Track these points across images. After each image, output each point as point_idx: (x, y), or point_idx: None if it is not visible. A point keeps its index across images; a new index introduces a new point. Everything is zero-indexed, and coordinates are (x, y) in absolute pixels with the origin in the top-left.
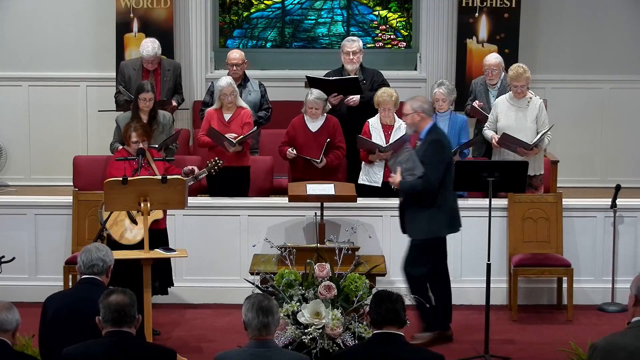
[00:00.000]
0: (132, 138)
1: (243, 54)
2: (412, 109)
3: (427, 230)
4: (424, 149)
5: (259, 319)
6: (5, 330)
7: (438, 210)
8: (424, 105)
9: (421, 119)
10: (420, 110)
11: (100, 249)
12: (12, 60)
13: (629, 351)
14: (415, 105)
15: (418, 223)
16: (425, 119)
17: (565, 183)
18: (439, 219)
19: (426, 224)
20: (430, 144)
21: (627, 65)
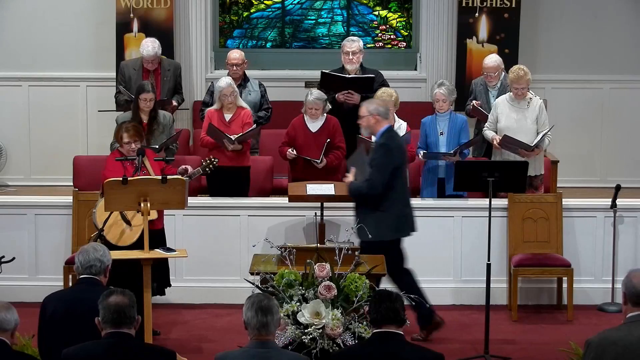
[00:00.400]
0: (124, 139)
1: (243, 54)
2: (367, 111)
3: (374, 233)
4: (373, 152)
5: (257, 318)
6: (4, 330)
7: (384, 214)
8: (380, 107)
9: (376, 121)
10: (376, 113)
11: (98, 249)
12: (12, 60)
13: (621, 346)
14: (370, 107)
15: (366, 226)
16: (380, 121)
17: (565, 183)
18: (385, 222)
19: (372, 227)
20: (378, 147)
21: (627, 65)
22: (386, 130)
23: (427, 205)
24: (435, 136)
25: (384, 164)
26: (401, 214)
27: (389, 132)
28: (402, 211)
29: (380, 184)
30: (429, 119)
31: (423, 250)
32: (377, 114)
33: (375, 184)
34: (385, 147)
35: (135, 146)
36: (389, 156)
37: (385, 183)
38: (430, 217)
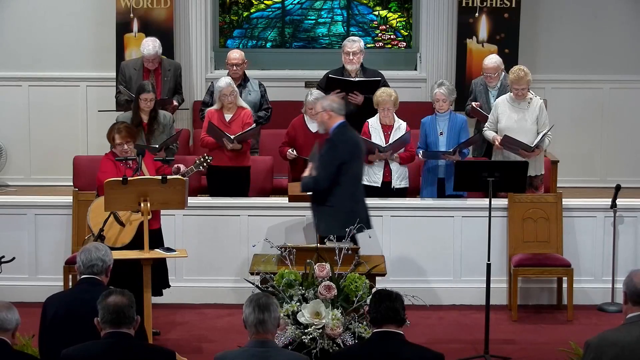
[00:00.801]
0: (115, 140)
1: (243, 54)
2: (321, 107)
3: (324, 228)
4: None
5: (255, 315)
6: (5, 330)
7: (332, 209)
8: (333, 104)
9: (330, 117)
10: (329, 109)
11: (100, 248)
12: (12, 60)
13: (620, 346)
14: (324, 103)
15: (317, 221)
16: (333, 117)
17: (565, 183)
18: (333, 218)
19: (323, 222)
20: (325, 143)
21: (627, 65)
22: (338, 125)
23: (427, 205)
24: (435, 136)
25: (329, 160)
26: (349, 210)
27: (340, 128)
28: (351, 207)
29: (325, 179)
30: (428, 119)
31: (423, 250)
32: (330, 110)
33: (319, 180)
34: (331, 143)
35: (127, 147)
36: (335, 152)
37: (331, 179)
38: (430, 217)
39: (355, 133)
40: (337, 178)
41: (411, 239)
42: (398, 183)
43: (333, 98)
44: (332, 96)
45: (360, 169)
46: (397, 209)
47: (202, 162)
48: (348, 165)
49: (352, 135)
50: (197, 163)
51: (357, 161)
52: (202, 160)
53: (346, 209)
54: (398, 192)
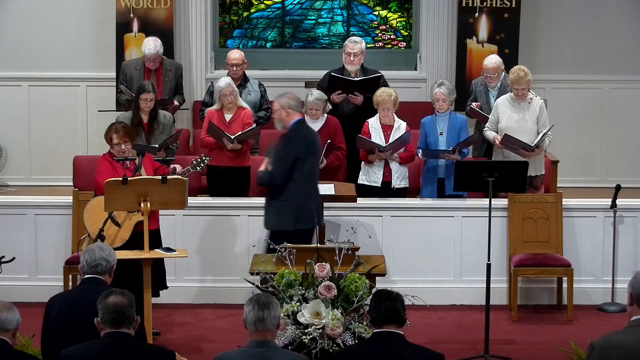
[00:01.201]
0: (113, 140)
1: (243, 54)
2: (279, 105)
3: (274, 222)
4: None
5: (254, 312)
6: (5, 330)
7: (285, 204)
8: (291, 101)
9: (287, 114)
10: (287, 107)
11: (104, 248)
12: (12, 60)
13: (625, 349)
14: (282, 101)
15: (268, 215)
16: (291, 114)
17: (565, 183)
18: (285, 213)
19: (275, 216)
20: (281, 139)
21: (627, 65)
22: (295, 122)
23: (427, 205)
24: (435, 136)
25: (284, 155)
26: (301, 205)
27: (297, 125)
28: (303, 203)
29: (279, 174)
30: (428, 119)
31: (423, 250)
32: (288, 107)
33: (274, 175)
34: (286, 139)
35: (125, 147)
36: (289, 148)
37: (285, 174)
38: (430, 217)
39: (311, 131)
40: (291, 173)
41: (411, 239)
42: (398, 183)
43: (290, 96)
44: (289, 94)
45: (315, 166)
46: (397, 209)
47: (199, 162)
48: (302, 162)
49: (308, 132)
50: (194, 164)
51: (311, 158)
52: (199, 161)
53: (297, 205)
54: (398, 192)
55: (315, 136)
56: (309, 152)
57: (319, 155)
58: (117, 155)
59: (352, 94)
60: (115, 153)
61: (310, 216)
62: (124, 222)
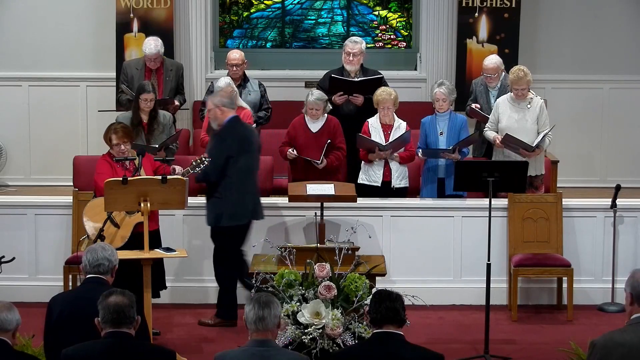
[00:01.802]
0: (112, 141)
1: (243, 54)
2: (213, 104)
3: (212, 219)
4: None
5: (255, 311)
6: (5, 330)
7: (221, 201)
8: (224, 99)
9: (222, 112)
10: (221, 104)
11: (106, 248)
12: (12, 60)
13: (627, 347)
14: (215, 100)
15: (207, 212)
16: (225, 112)
17: (565, 183)
18: (221, 209)
19: (212, 213)
20: (213, 137)
21: (627, 65)
22: (229, 120)
23: (427, 205)
24: (435, 136)
25: (216, 153)
26: (236, 201)
27: (231, 122)
28: (237, 198)
29: (212, 170)
30: (428, 119)
31: (423, 250)
32: (222, 105)
33: (207, 172)
34: (219, 137)
35: (124, 147)
36: (221, 145)
37: (219, 171)
38: (430, 217)
39: (246, 127)
40: (225, 170)
41: (411, 239)
42: (398, 182)
43: (223, 94)
44: (222, 91)
45: (250, 162)
46: (397, 209)
47: (199, 163)
48: (236, 159)
49: (242, 129)
50: (193, 164)
51: (246, 155)
52: (199, 162)
53: (233, 200)
54: (398, 192)
55: (251, 133)
56: (243, 149)
57: (255, 152)
58: (117, 156)
59: (353, 94)
60: (114, 153)
61: (246, 212)
62: (123, 222)
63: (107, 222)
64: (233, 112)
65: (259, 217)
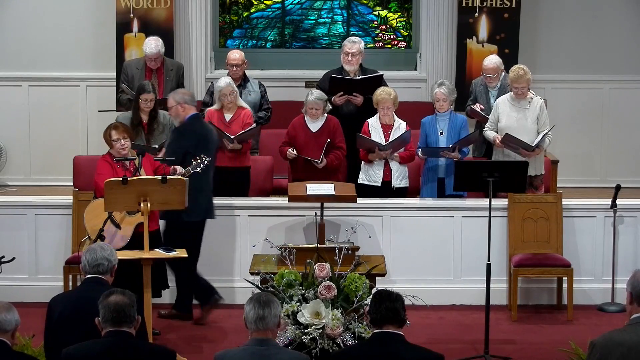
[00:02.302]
0: (112, 136)
1: (243, 55)
2: (174, 101)
3: (167, 214)
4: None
5: (255, 311)
6: (4, 331)
7: None
8: (185, 96)
9: (183, 109)
10: (182, 102)
11: (105, 248)
12: (12, 60)
13: (627, 347)
14: (177, 97)
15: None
16: (187, 109)
17: (565, 183)
18: None
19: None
20: (172, 133)
21: (627, 65)
22: (190, 117)
23: (427, 205)
24: (435, 136)
25: (174, 149)
26: (192, 197)
27: (191, 119)
28: (193, 195)
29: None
30: (429, 119)
31: (423, 250)
32: (183, 102)
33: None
34: (177, 132)
35: (125, 142)
36: (179, 141)
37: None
38: (430, 217)
39: (206, 126)
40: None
41: (411, 239)
42: (398, 182)
43: (184, 91)
44: (182, 89)
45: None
46: (397, 208)
47: (198, 163)
48: (192, 156)
49: (201, 127)
50: (194, 164)
51: (203, 152)
52: (199, 162)
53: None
54: (398, 192)
55: (210, 131)
56: (201, 147)
57: (212, 151)
58: (117, 155)
59: (353, 94)
60: (115, 151)
61: (200, 210)
62: (123, 221)
63: (107, 222)
64: (194, 110)
65: (212, 216)
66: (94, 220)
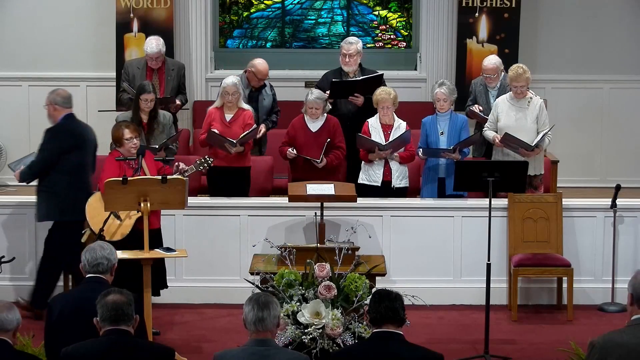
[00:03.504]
0: (125, 135)
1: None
2: (47, 101)
3: (42, 214)
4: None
5: (254, 312)
6: (6, 330)
7: (51, 195)
8: (58, 97)
9: (54, 109)
10: (54, 103)
11: (105, 247)
12: (12, 60)
13: (626, 348)
14: (50, 97)
15: (38, 206)
16: (59, 110)
17: (565, 183)
18: (50, 203)
19: (43, 208)
20: (46, 132)
21: (627, 65)
22: (63, 117)
23: (427, 205)
24: (435, 136)
25: (47, 148)
26: (66, 196)
27: (65, 119)
28: (68, 194)
29: (37, 164)
30: (429, 119)
31: (423, 250)
32: (55, 103)
33: (33, 166)
34: (51, 133)
35: (137, 141)
36: (53, 141)
37: (45, 166)
38: (430, 217)
39: (80, 125)
40: (56, 166)
41: (411, 239)
42: (398, 182)
43: (59, 92)
44: (59, 90)
45: (83, 159)
46: (397, 208)
47: (202, 162)
48: (67, 155)
49: (75, 126)
50: (197, 163)
51: (78, 151)
52: (202, 161)
53: (63, 195)
54: (398, 192)
55: (85, 130)
56: (76, 145)
57: (88, 149)
58: (127, 154)
59: (353, 95)
60: (125, 149)
61: (76, 209)
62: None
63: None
64: (67, 111)
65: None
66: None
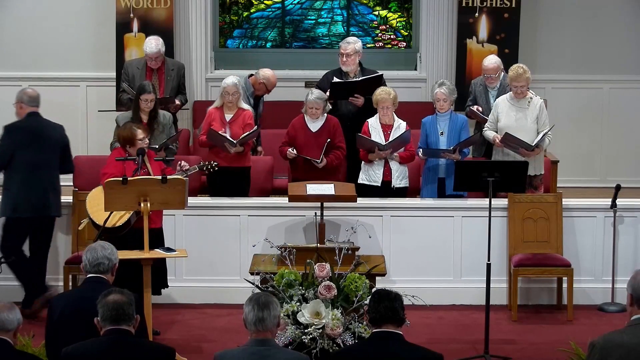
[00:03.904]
0: (138, 136)
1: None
2: (16, 98)
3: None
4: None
5: (254, 312)
6: (6, 330)
7: (5, 192)
8: (24, 96)
9: (20, 108)
10: (20, 101)
11: (106, 247)
12: (12, 60)
13: (626, 348)
14: (18, 96)
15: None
16: (24, 108)
17: (565, 183)
18: (5, 200)
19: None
20: (3, 129)
21: (627, 65)
22: (27, 114)
23: (427, 205)
24: (435, 136)
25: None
26: (18, 194)
27: (27, 117)
28: (22, 191)
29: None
30: (429, 119)
31: (423, 250)
32: (21, 102)
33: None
34: (5, 129)
35: (148, 142)
36: (9, 138)
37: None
38: (430, 217)
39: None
40: (11, 164)
41: (411, 239)
42: (398, 182)
43: (26, 91)
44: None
45: (38, 157)
46: (397, 208)
47: (205, 164)
48: (21, 152)
49: (36, 124)
50: (200, 164)
51: (32, 150)
52: (206, 163)
53: (15, 193)
54: (398, 192)
55: (46, 128)
56: (30, 144)
57: (48, 147)
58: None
59: (353, 95)
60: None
61: (29, 205)
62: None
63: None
64: (32, 109)
65: (52, 212)
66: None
